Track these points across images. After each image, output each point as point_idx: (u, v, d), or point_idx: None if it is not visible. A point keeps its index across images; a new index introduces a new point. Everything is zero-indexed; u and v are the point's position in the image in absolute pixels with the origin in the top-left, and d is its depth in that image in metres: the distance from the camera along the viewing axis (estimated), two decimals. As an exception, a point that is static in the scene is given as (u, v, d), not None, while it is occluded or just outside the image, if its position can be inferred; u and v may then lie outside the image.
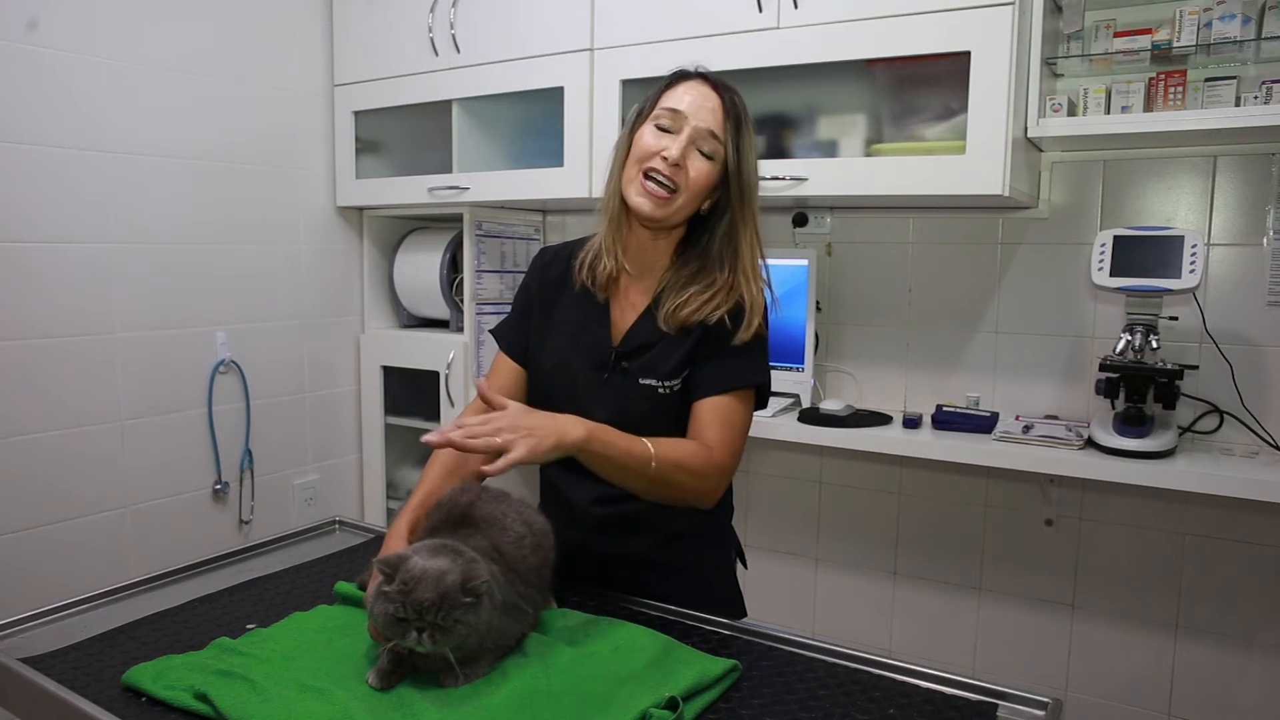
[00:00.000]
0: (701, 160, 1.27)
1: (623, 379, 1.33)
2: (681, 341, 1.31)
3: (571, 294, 1.39)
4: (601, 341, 1.35)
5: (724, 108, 1.27)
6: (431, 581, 0.99)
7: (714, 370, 1.31)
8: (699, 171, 1.26)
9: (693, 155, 1.26)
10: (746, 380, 1.31)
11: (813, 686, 1.09)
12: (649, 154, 1.26)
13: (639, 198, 1.27)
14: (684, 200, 1.27)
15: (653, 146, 1.26)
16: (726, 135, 1.27)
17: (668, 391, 1.31)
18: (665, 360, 1.31)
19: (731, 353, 1.31)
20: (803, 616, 2.51)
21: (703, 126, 1.26)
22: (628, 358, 1.33)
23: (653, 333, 1.32)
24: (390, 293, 2.87)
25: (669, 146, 1.25)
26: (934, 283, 2.27)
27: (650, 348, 1.32)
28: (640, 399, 1.32)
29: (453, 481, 1.31)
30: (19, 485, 2.04)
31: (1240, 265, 1.95)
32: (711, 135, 1.26)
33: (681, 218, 1.31)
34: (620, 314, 1.37)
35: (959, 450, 1.97)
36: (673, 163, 1.24)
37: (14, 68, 1.98)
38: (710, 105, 1.27)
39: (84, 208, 2.12)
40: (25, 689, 1.06)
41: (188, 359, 2.36)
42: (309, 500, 2.71)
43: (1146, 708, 2.11)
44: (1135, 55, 1.89)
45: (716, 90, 1.28)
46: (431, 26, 2.45)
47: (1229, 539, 2.00)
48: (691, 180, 1.26)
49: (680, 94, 1.28)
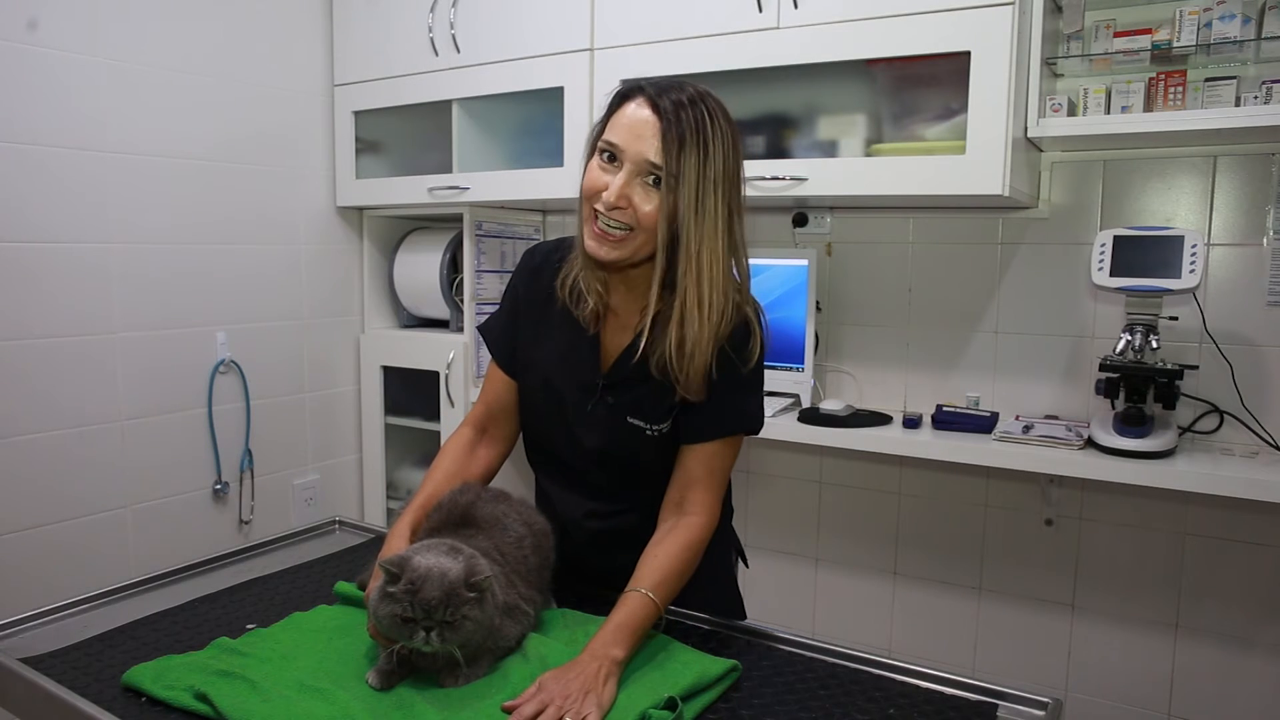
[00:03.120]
0: (651, 192, 1.15)
1: (610, 412, 1.28)
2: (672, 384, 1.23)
3: (560, 306, 1.31)
4: (589, 366, 1.29)
5: (662, 129, 1.14)
6: (437, 580, 1.00)
7: (707, 415, 1.25)
8: (651, 205, 1.15)
9: (637, 189, 1.15)
10: (739, 428, 1.28)
11: (813, 686, 1.09)
12: (594, 192, 1.18)
13: (591, 242, 1.19)
14: (643, 238, 1.17)
15: (596, 184, 1.17)
16: (669, 160, 1.13)
17: (656, 434, 1.27)
18: (655, 403, 1.26)
19: (725, 391, 1.24)
20: (803, 616, 2.51)
21: (641, 158, 1.14)
22: (614, 390, 1.28)
23: (642, 369, 1.25)
24: (390, 293, 2.87)
25: (610, 185, 1.16)
26: (934, 283, 2.27)
27: (639, 385, 1.26)
28: (627, 435, 1.28)
29: (456, 483, 1.31)
30: (19, 485, 2.04)
31: (1240, 265, 1.95)
32: (651, 166, 1.14)
33: (647, 253, 1.20)
34: (610, 337, 1.29)
35: (959, 450, 1.97)
36: (611, 206, 1.15)
37: (14, 68, 1.98)
38: (648, 132, 1.14)
39: (84, 208, 2.12)
40: (25, 689, 1.06)
41: (188, 359, 2.36)
42: (309, 500, 2.71)
43: (1146, 708, 2.11)
44: (1135, 55, 1.89)
45: (656, 110, 1.15)
46: (431, 26, 2.45)
47: (1229, 539, 2.00)
48: (643, 216, 1.16)
49: (619, 123, 1.17)
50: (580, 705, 0.98)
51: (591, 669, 1.03)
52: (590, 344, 1.29)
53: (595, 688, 1.01)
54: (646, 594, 1.14)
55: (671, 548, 1.21)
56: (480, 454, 1.40)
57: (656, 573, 1.17)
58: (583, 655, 1.06)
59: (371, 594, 1.06)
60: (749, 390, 1.28)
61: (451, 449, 1.38)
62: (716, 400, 1.24)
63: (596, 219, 1.18)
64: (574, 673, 1.02)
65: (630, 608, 1.12)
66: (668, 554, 1.20)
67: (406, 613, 0.99)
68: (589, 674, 1.02)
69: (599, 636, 1.08)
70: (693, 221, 1.15)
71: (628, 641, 1.08)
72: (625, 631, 1.09)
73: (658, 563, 1.19)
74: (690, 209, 1.15)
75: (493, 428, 1.41)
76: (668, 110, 1.14)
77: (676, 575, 1.19)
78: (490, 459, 1.40)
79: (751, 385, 1.28)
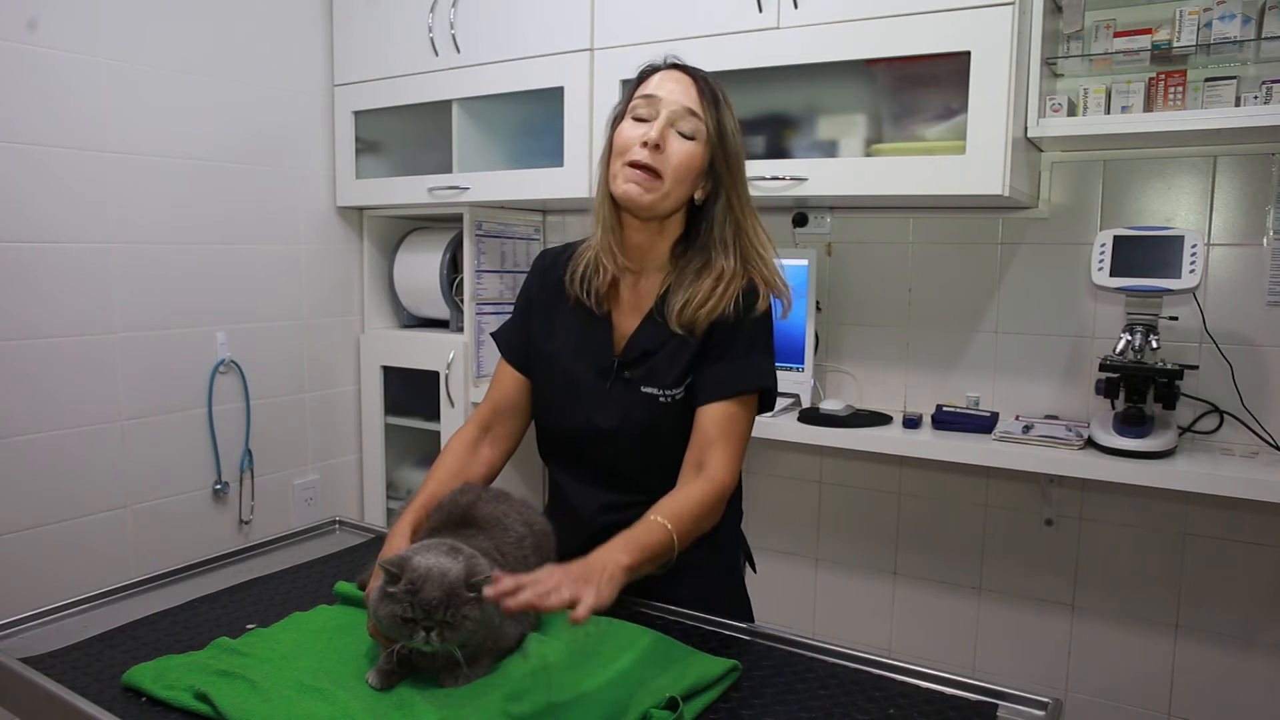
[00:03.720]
0: (682, 141, 1.25)
1: (625, 387, 1.32)
2: (686, 346, 1.29)
3: (571, 300, 1.37)
4: (604, 349, 1.34)
5: (698, 88, 1.26)
6: (437, 579, 1.00)
7: (719, 374, 1.28)
8: (682, 152, 1.24)
9: (672, 137, 1.24)
10: (752, 384, 1.29)
11: (813, 686, 1.09)
12: (629, 145, 1.25)
13: (625, 185, 1.24)
14: (671, 184, 1.25)
15: (632, 137, 1.25)
16: (705, 112, 1.25)
17: (669, 400, 1.30)
18: (668, 368, 1.30)
19: (737, 351, 1.28)
20: (803, 616, 2.51)
21: (678, 106, 1.24)
22: (630, 366, 1.32)
23: (656, 337, 1.31)
24: (390, 293, 2.87)
25: (648, 130, 1.23)
26: (934, 283, 2.27)
27: (653, 354, 1.31)
28: (642, 407, 1.31)
29: (457, 483, 1.31)
30: (19, 485, 2.04)
31: (1240, 265, 1.95)
32: (690, 113, 1.25)
33: (672, 203, 1.28)
34: (622, 319, 1.35)
35: (959, 450, 1.97)
36: (652, 145, 1.22)
37: (14, 68, 1.98)
38: (684, 86, 1.26)
39: (84, 208, 2.12)
40: (25, 689, 1.06)
41: (188, 359, 2.36)
42: (309, 500, 2.71)
43: (1146, 708, 2.11)
44: (1135, 55, 1.89)
45: (689, 74, 1.28)
46: (431, 26, 2.45)
47: (1229, 539, 2.00)
48: (675, 162, 1.24)
49: (653, 82, 1.28)
50: (578, 587, 0.97)
51: (596, 565, 1.03)
52: (603, 327, 1.34)
53: (596, 580, 1.00)
54: (662, 522, 1.14)
55: (692, 493, 1.22)
56: (483, 453, 1.40)
57: (675, 509, 1.18)
58: (590, 556, 1.06)
59: (372, 594, 1.06)
60: (760, 352, 1.31)
61: (454, 448, 1.39)
62: (728, 361, 1.28)
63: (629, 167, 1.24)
64: (577, 565, 1.03)
65: (645, 527, 1.13)
66: (688, 497, 1.21)
67: (407, 613, 0.99)
68: (593, 568, 1.03)
69: (608, 544, 1.09)
70: (726, 173, 1.28)
71: (637, 553, 1.08)
72: (636, 545, 1.10)
73: (676, 502, 1.20)
74: (724, 162, 1.27)
75: (498, 426, 1.42)
76: (698, 75, 1.28)
77: (693, 518, 1.19)
78: (493, 458, 1.41)
79: (762, 348, 1.31)
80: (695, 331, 1.28)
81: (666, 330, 1.30)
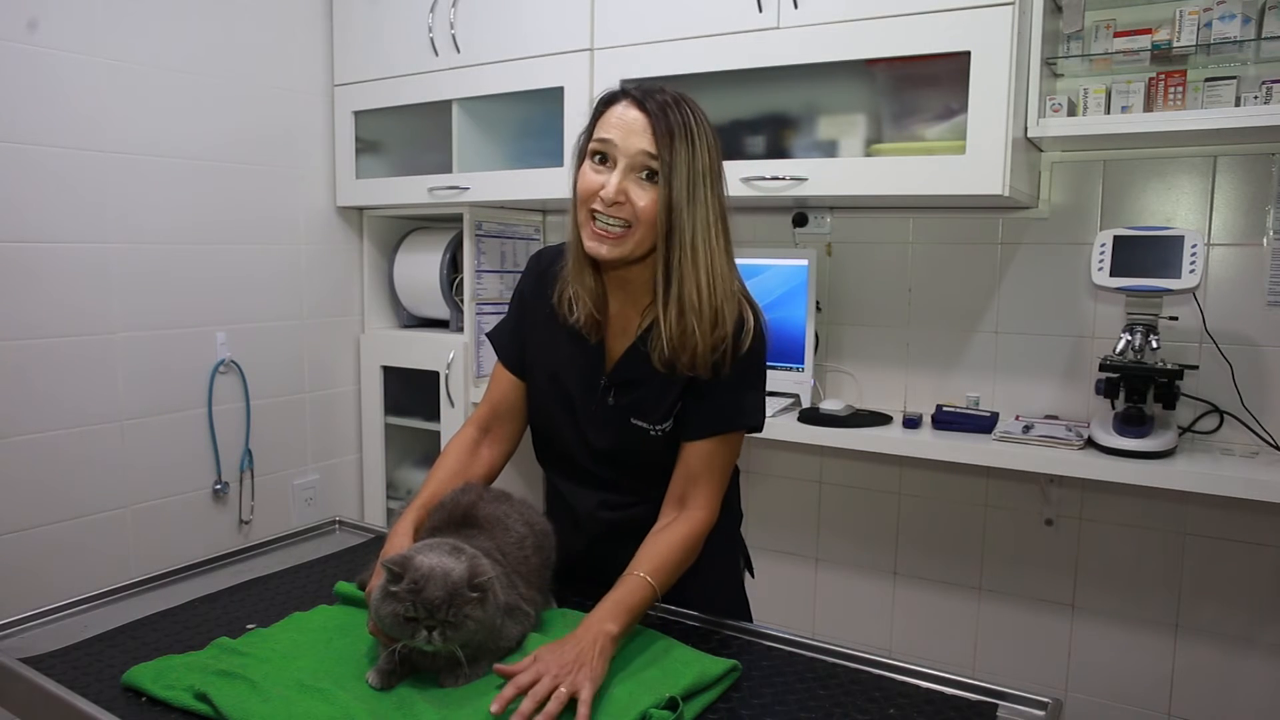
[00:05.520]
0: (646, 187, 1.18)
1: (614, 414, 1.30)
2: (674, 380, 1.26)
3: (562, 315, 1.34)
4: (594, 368, 1.31)
5: (653, 126, 1.17)
6: (440, 579, 1.00)
7: (705, 411, 1.26)
8: (647, 199, 1.18)
9: (633, 184, 1.18)
10: (738, 425, 1.29)
11: (813, 686, 1.09)
12: (590, 194, 1.20)
13: (591, 243, 1.20)
14: (642, 232, 1.19)
15: (592, 185, 1.19)
16: (662, 150, 1.17)
17: (659, 434, 1.29)
18: (655, 404, 1.28)
19: (726, 387, 1.25)
20: (803, 616, 2.51)
21: (635, 151, 1.17)
22: (617, 391, 1.30)
23: (641, 368, 1.27)
24: (390, 293, 2.87)
25: (606, 183, 1.18)
26: (934, 283, 2.27)
27: (640, 386, 1.28)
28: (633, 436, 1.30)
29: (458, 483, 1.31)
30: (19, 485, 2.04)
31: (1240, 265, 1.95)
32: (647, 156, 1.17)
33: (646, 248, 1.22)
34: (612, 338, 1.32)
35: (959, 450, 1.97)
36: (610, 201, 1.17)
37: (14, 68, 1.98)
38: (639, 127, 1.18)
39: (84, 208, 2.12)
40: (25, 689, 1.06)
41: (188, 359, 2.36)
42: (309, 500, 2.71)
43: (1146, 708, 2.11)
44: (1135, 55, 1.89)
45: (644, 109, 1.19)
46: (431, 26, 2.45)
47: (1229, 539, 2.00)
48: (641, 210, 1.18)
49: (608, 123, 1.20)
50: (575, 677, 1.00)
51: (586, 641, 1.05)
52: (595, 346, 1.31)
53: (589, 660, 1.02)
54: (644, 577, 1.16)
55: (672, 537, 1.23)
56: (483, 454, 1.40)
57: (655, 559, 1.19)
58: (578, 629, 1.08)
59: (373, 593, 1.06)
60: (748, 387, 1.29)
61: (455, 449, 1.38)
62: (716, 397, 1.26)
63: (594, 220, 1.20)
64: (569, 644, 1.05)
65: (628, 587, 1.14)
66: (668, 543, 1.22)
67: (409, 612, 0.99)
68: (584, 646, 1.04)
69: (595, 612, 1.10)
70: (686, 210, 1.18)
71: (623, 618, 1.10)
72: (621, 609, 1.11)
73: (657, 550, 1.21)
74: (684, 198, 1.18)
75: (497, 427, 1.42)
76: (654, 109, 1.19)
77: (674, 565, 1.21)
78: (493, 459, 1.41)
79: (751, 383, 1.30)
80: (677, 372, 1.24)
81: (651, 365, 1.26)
